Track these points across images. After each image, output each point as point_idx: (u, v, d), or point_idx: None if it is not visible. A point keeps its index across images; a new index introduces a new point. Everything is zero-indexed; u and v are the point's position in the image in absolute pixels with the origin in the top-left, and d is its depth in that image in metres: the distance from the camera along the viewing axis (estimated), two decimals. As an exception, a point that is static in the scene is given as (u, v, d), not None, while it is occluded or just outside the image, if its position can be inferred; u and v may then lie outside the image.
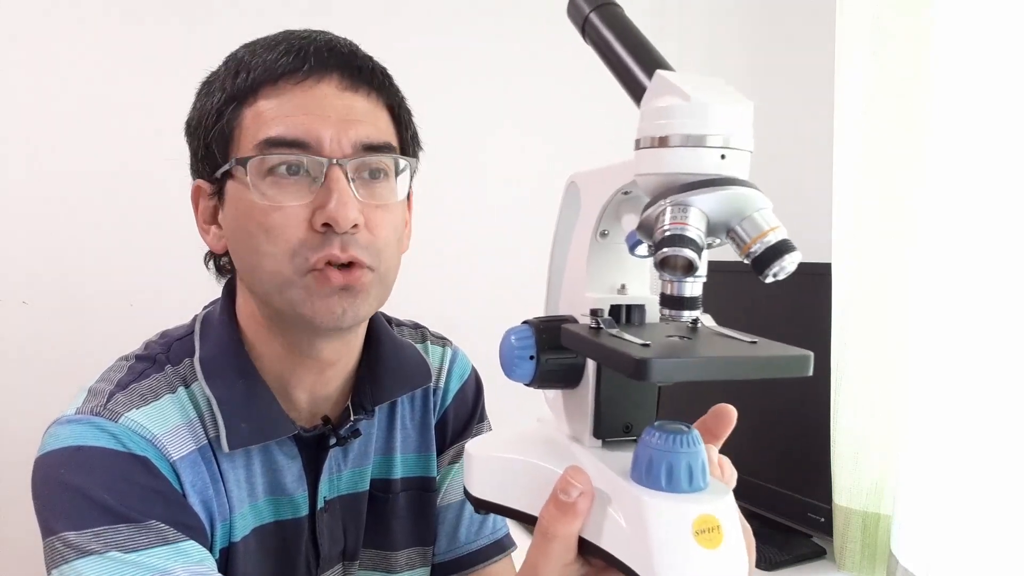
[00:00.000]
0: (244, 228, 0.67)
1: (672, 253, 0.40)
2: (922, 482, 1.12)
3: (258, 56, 0.68)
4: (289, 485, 0.73)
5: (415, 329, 0.91)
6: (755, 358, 0.42)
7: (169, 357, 0.73)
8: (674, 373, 0.41)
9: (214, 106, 0.69)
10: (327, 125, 0.66)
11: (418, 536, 0.84)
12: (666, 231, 0.41)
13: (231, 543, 0.70)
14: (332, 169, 0.65)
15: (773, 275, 0.42)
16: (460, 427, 0.88)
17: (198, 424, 0.70)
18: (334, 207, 0.64)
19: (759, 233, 0.41)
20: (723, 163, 0.42)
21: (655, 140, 0.43)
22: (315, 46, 0.68)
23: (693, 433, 0.44)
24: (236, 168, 0.67)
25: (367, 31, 0.77)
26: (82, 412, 0.66)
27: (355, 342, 0.77)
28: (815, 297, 1.26)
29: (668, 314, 0.44)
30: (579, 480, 0.44)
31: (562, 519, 0.44)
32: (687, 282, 0.43)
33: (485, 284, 1.62)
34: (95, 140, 1.31)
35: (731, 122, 0.43)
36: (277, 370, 0.73)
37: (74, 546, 0.61)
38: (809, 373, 0.42)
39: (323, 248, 0.65)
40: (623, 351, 0.41)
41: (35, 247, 1.30)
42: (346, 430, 0.76)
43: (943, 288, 1.09)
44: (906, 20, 1.11)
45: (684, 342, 0.45)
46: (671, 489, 0.43)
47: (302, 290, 0.66)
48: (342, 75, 0.68)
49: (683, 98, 0.42)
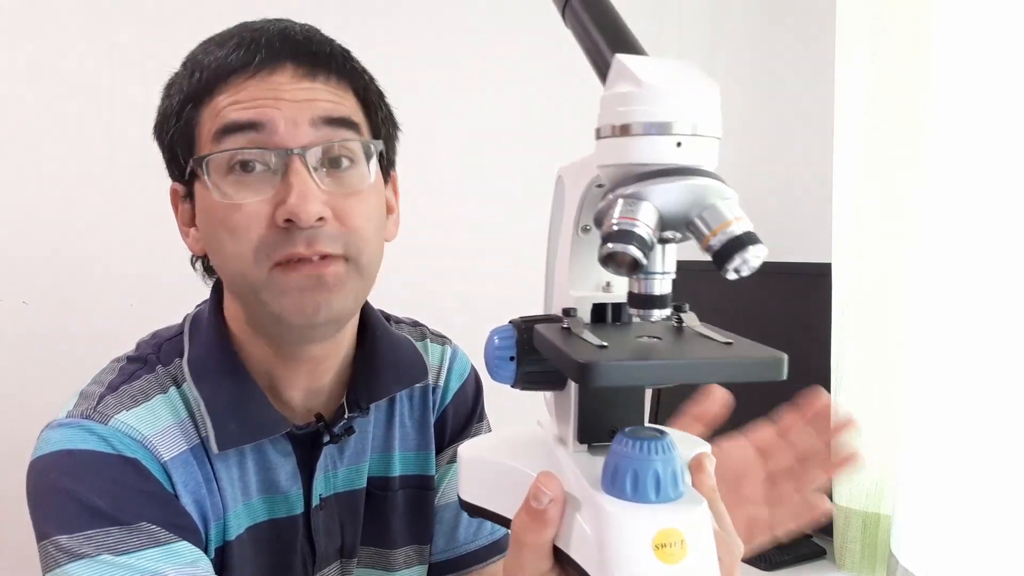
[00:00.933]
0: (211, 229, 0.66)
1: (616, 250, 0.38)
2: (922, 482, 1.12)
3: (211, 54, 0.66)
4: (283, 483, 0.73)
5: (414, 327, 0.90)
6: (720, 361, 0.39)
7: (160, 357, 0.72)
8: (620, 378, 0.38)
9: (173, 108, 0.67)
10: (281, 106, 0.63)
11: (416, 534, 0.84)
12: (613, 226, 0.38)
13: (225, 542, 0.70)
14: (291, 160, 0.62)
15: (735, 270, 0.38)
16: (459, 427, 0.88)
17: (189, 424, 0.69)
18: (294, 201, 0.61)
19: (720, 224, 0.38)
20: (680, 151, 0.39)
21: (610, 129, 0.41)
22: (267, 37, 0.65)
23: (665, 440, 0.42)
24: (197, 168, 0.65)
25: (364, 31, 0.77)
26: (73, 415, 0.66)
27: (343, 338, 0.75)
28: (815, 297, 1.25)
29: (637, 314, 0.42)
30: (550, 487, 0.42)
31: (532, 526, 0.42)
32: (655, 279, 0.41)
33: (484, 282, 1.62)
34: (95, 140, 1.31)
35: (688, 108, 0.39)
36: (266, 368, 0.72)
37: (66, 550, 0.61)
38: (782, 377, 0.39)
39: (285, 246, 0.62)
40: (568, 353, 0.39)
41: (35, 247, 1.30)
42: (340, 427, 0.75)
43: (943, 288, 1.09)
44: (906, 20, 1.10)
45: (652, 343, 0.42)
46: (636, 499, 0.40)
47: (271, 288, 0.64)
48: (297, 63, 0.65)
49: (635, 84, 0.40)
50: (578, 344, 0.41)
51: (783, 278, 1.40)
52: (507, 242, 1.64)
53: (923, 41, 1.09)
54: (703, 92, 0.40)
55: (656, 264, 0.41)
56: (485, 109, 1.63)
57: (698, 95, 0.40)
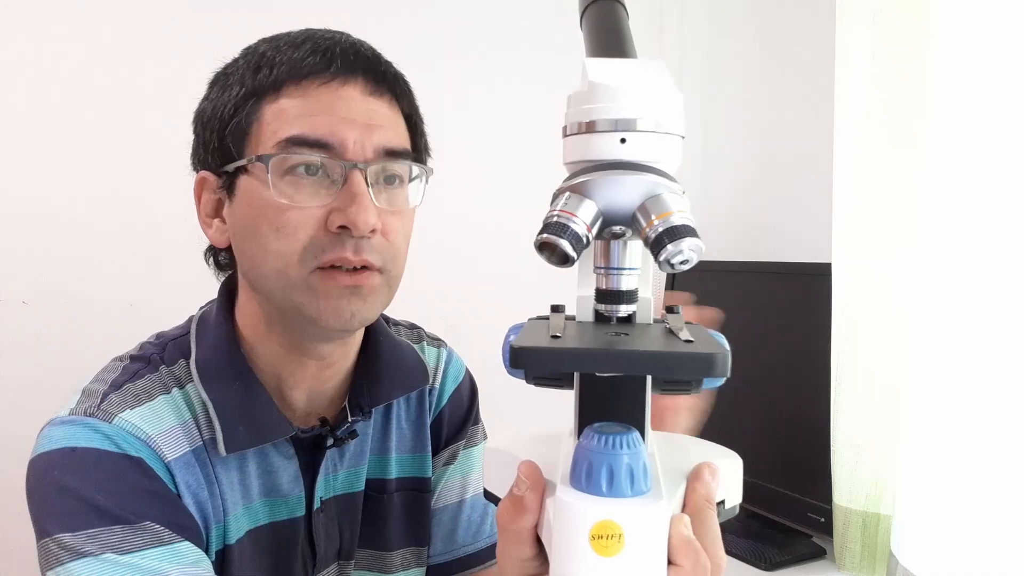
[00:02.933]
0: (254, 225, 0.67)
1: (548, 240, 0.39)
2: (922, 482, 1.12)
3: (283, 53, 0.67)
4: (285, 486, 0.73)
5: (411, 329, 0.90)
6: (652, 354, 0.39)
7: (164, 358, 0.72)
8: (542, 362, 0.39)
9: (231, 100, 0.68)
10: (351, 128, 0.65)
11: (413, 536, 0.84)
12: (552, 217, 0.40)
13: (226, 545, 0.70)
14: (353, 172, 0.65)
15: (669, 260, 0.38)
16: (455, 429, 0.88)
17: (192, 425, 0.69)
18: (355, 211, 0.64)
19: (660, 213, 0.39)
20: (625, 148, 0.40)
21: (566, 128, 0.42)
22: (341, 48, 0.67)
23: (628, 436, 0.41)
24: (254, 164, 0.66)
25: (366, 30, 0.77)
26: (76, 413, 0.66)
27: (353, 342, 0.77)
28: (815, 297, 1.26)
29: (604, 309, 0.43)
30: (528, 475, 0.44)
31: (513, 512, 0.43)
32: (622, 275, 0.42)
33: (485, 282, 1.62)
34: (95, 140, 1.31)
35: (632, 105, 0.40)
36: (274, 370, 0.73)
37: (69, 548, 0.61)
38: (720, 374, 0.38)
39: (334, 249, 0.65)
40: (513, 341, 0.40)
41: (35, 247, 1.30)
42: (343, 431, 0.75)
43: (943, 288, 1.09)
44: (906, 19, 1.11)
45: (611, 338, 0.42)
46: (589, 490, 0.41)
47: (307, 291, 0.65)
48: (367, 80, 0.68)
49: (585, 83, 0.41)
50: (535, 333, 0.42)
51: (783, 278, 1.41)
52: (508, 242, 1.64)
53: (923, 40, 1.09)
54: (652, 90, 0.41)
55: (620, 260, 0.42)
56: (490, 105, 1.63)
57: (645, 93, 0.40)
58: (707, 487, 0.46)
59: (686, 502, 0.45)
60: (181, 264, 0.78)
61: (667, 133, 0.41)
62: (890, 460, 1.14)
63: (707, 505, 0.45)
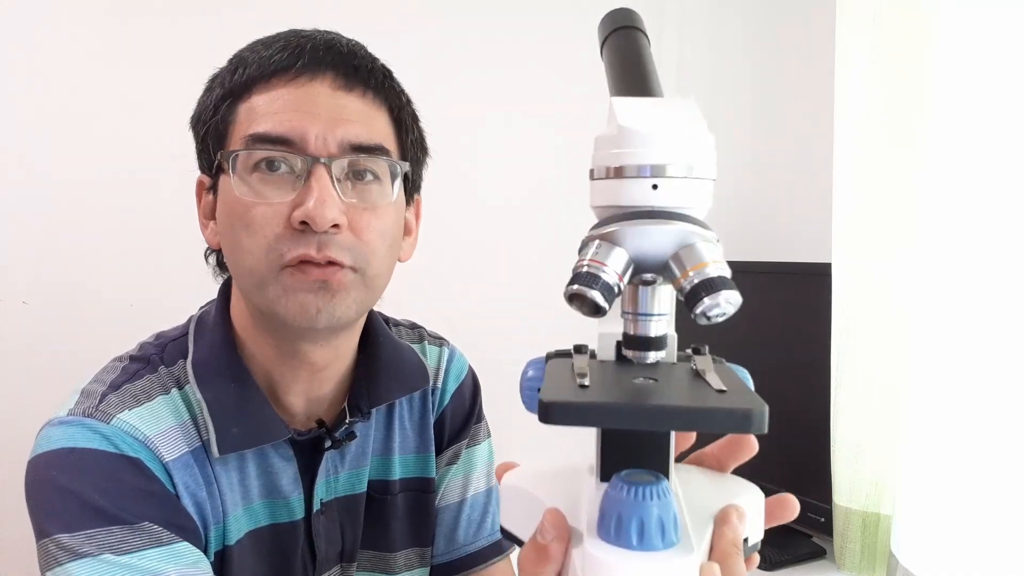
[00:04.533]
0: (228, 223, 0.67)
1: (579, 292, 0.38)
2: (922, 482, 1.12)
3: (256, 52, 0.68)
4: (285, 488, 0.73)
5: (412, 329, 0.90)
6: (690, 410, 0.38)
7: (163, 358, 0.72)
8: (574, 418, 0.37)
9: (212, 102, 0.69)
10: (314, 123, 0.65)
11: (416, 537, 0.84)
12: (582, 267, 0.39)
13: (225, 546, 0.70)
14: (316, 167, 0.64)
15: (704, 313, 0.37)
16: (457, 428, 0.87)
17: (191, 426, 0.69)
18: (312, 205, 0.62)
19: (694, 264, 0.38)
20: (656, 194, 0.39)
21: (594, 171, 0.41)
22: (312, 44, 0.67)
23: (658, 487, 0.40)
24: (225, 162, 0.66)
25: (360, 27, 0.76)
26: (74, 413, 0.66)
27: (346, 346, 0.75)
28: (815, 297, 1.26)
29: (632, 355, 0.41)
30: (554, 524, 0.43)
31: (536, 561, 0.43)
32: (650, 321, 0.41)
33: (486, 283, 1.62)
34: (95, 140, 1.31)
35: (664, 150, 0.39)
36: (269, 373, 0.72)
37: (67, 548, 0.61)
38: (759, 430, 0.37)
39: (298, 246, 0.64)
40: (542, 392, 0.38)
41: (35, 247, 1.30)
42: (341, 433, 0.75)
43: (943, 288, 1.09)
44: (906, 19, 1.11)
45: (641, 386, 0.41)
46: (618, 543, 0.39)
47: (278, 287, 0.65)
48: (336, 74, 0.67)
49: (614, 126, 0.40)
50: (561, 380, 0.41)
51: (783, 278, 1.41)
52: (508, 243, 1.64)
53: (923, 40, 1.09)
54: (685, 134, 0.40)
55: (650, 306, 0.41)
56: (487, 106, 1.63)
57: (677, 137, 0.39)
58: (735, 531, 0.45)
59: (713, 547, 0.44)
60: (181, 264, 0.78)
61: (699, 178, 0.40)
62: (890, 460, 1.14)
63: (734, 550, 0.44)
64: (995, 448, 1.03)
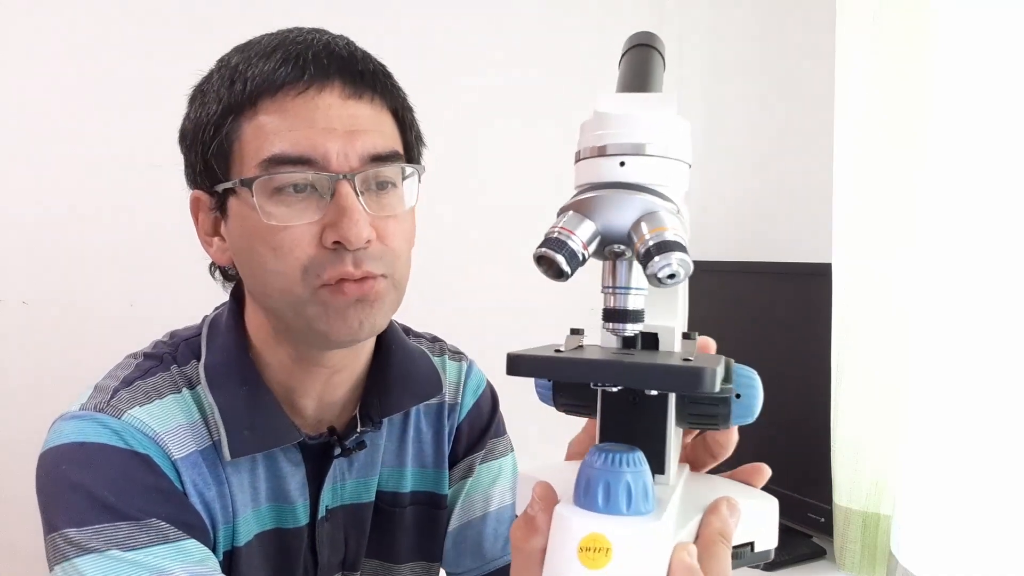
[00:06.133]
0: (250, 246, 0.65)
1: (546, 254, 0.41)
2: (922, 482, 1.12)
3: (254, 65, 0.65)
4: (292, 492, 0.73)
5: (433, 342, 0.89)
6: (635, 365, 0.41)
7: (176, 357, 0.72)
8: (535, 370, 0.42)
9: (210, 118, 0.66)
10: (333, 138, 0.63)
11: (423, 551, 0.83)
12: (552, 233, 0.42)
13: (234, 547, 0.70)
14: (340, 185, 0.63)
15: (656, 273, 0.39)
16: (473, 441, 0.86)
17: (202, 426, 0.69)
18: (346, 226, 0.62)
19: (655, 228, 0.40)
20: (623, 170, 0.43)
21: (577, 154, 0.45)
22: (313, 52, 0.65)
23: (630, 455, 0.42)
24: (242, 188, 0.64)
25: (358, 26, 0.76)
26: (86, 408, 0.66)
27: (363, 348, 0.75)
28: (815, 297, 1.26)
29: (611, 328, 0.44)
30: (542, 496, 0.44)
31: (525, 532, 0.44)
32: (628, 295, 0.43)
33: (490, 288, 1.62)
34: (95, 140, 1.31)
35: (631, 131, 0.43)
36: (283, 378, 0.72)
37: (75, 543, 0.61)
38: (705, 389, 0.39)
39: (335, 266, 0.63)
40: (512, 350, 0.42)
41: (35, 247, 1.30)
42: (351, 442, 0.75)
43: (943, 288, 1.09)
44: (906, 19, 1.11)
45: (607, 355, 0.44)
46: (586, 506, 0.42)
47: (318, 306, 0.64)
48: (344, 82, 0.65)
49: (592, 113, 0.44)
50: (542, 348, 0.44)
51: (783, 278, 1.41)
52: (510, 245, 1.64)
53: (923, 40, 1.09)
54: (653, 117, 0.43)
55: (627, 279, 0.43)
56: (489, 106, 1.63)
57: (645, 120, 0.43)
58: (722, 521, 0.45)
59: (699, 533, 0.45)
60: (181, 264, 0.78)
61: (665, 157, 0.43)
62: (890, 460, 1.14)
63: (719, 539, 0.44)
64: (995, 448, 1.03)
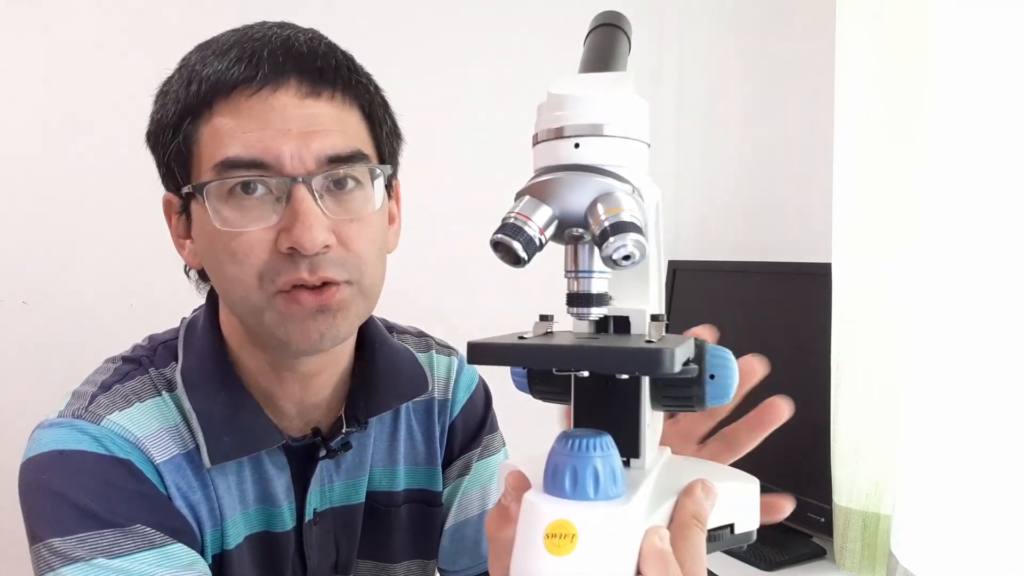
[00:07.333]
0: (210, 251, 0.64)
1: (503, 240, 0.41)
2: (922, 482, 1.12)
3: (209, 65, 0.62)
4: (278, 495, 0.71)
5: (419, 338, 0.87)
6: (594, 348, 0.40)
7: (154, 360, 0.71)
8: (496, 357, 0.41)
9: (169, 120, 0.64)
10: (287, 140, 0.60)
11: (419, 549, 0.82)
12: (508, 219, 0.41)
13: (224, 550, 0.69)
14: (296, 188, 0.60)
15: (611, 255, 0.39)
16: (468, 438, 0.85)
17: (184, 428, 0.68)
18: (299, 231, 0.59)
19: (610, 208, 0.40)
20: (577, 152, 0.42)
21: (534, 137, 0.45)
22: (269, 49, 0.62)
23: (597, 440, 0.41)
24: (197, 193, 0.63)
25: (353, 26, 0.76)
26: (64, 415, 0.65)
27: (341, 352, 0.74)
28: (815, 297, 1.26)
29: (576, 312, 0.44)
30: (515, 485, 0.44)
31: (498, 522, 0.43)
32: (591, 278, 0.43)
33: (486, 284, 1.62)
34: (95, 139, 1.31)
35: (585, 112, 0.42)
36: (261, 381, 0.71)
37: (60, 553, 0.60)
38: (661, 370, 0.38)
39: (290, 272, 0.61)
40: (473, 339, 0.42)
41: (35, 247, 1.30)
42: (336, 443, 0.73)
43: (943, 288, 1.09)
44: (906, 19, 1.11)
45: (571, 340, 0.43)
46: (553, 492, 0.41)
47: (274, 313, 0.62)
48: (301, 80, 0.62)
49: (546, 96, 0.43)
50: (507, 337, 0.44)
51: (783, 278, 1.41)
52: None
53: (923, 40, 1.09)
54: (608, 97, 0.43)
55: (589, 263, 0.43)
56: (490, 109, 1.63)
57: (599, 101, 0.42)
58: (697, 504, 0.44)
59: (672, 517, 0.44)
60: (181, 265, 0.77)
61: (620, 137, 0.42)
62: (890, 460, 1.14)
63: (693, 522, 0.43)
64: (995, 448, 1.03)
